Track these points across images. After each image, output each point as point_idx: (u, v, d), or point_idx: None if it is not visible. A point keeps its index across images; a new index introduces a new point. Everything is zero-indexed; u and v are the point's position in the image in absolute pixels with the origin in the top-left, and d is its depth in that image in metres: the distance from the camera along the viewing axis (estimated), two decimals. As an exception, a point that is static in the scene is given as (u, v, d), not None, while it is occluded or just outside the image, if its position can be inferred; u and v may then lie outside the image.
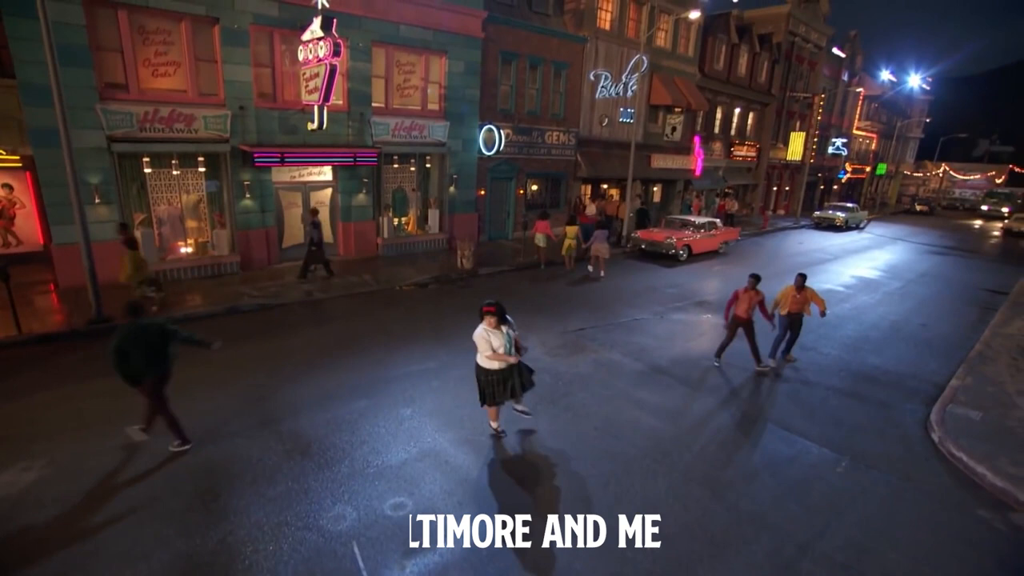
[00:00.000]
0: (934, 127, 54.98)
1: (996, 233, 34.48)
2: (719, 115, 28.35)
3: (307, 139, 13.55)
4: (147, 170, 11.59)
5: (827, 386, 8.72)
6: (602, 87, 21.23)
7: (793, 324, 9.26)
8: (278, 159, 12.69)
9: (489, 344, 5.83)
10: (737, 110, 29.50)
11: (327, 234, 15.15)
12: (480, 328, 5.88)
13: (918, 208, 44.89)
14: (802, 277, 9.07)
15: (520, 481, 5.74)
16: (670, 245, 17.98)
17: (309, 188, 14.57)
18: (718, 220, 20.85)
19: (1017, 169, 60.29)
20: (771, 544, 5.05)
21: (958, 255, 23.85)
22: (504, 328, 5.92)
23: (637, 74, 21.02)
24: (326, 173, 14.75)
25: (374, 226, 15.82)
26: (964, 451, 6.74)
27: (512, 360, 5.95)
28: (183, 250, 12.44)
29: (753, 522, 5.33)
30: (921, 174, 58.35)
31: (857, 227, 30.07)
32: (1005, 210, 41.90)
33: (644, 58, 20.57)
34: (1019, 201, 42.67)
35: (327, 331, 9.95)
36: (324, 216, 15.00)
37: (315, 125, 12.99)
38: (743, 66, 28.51)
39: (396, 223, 16.67)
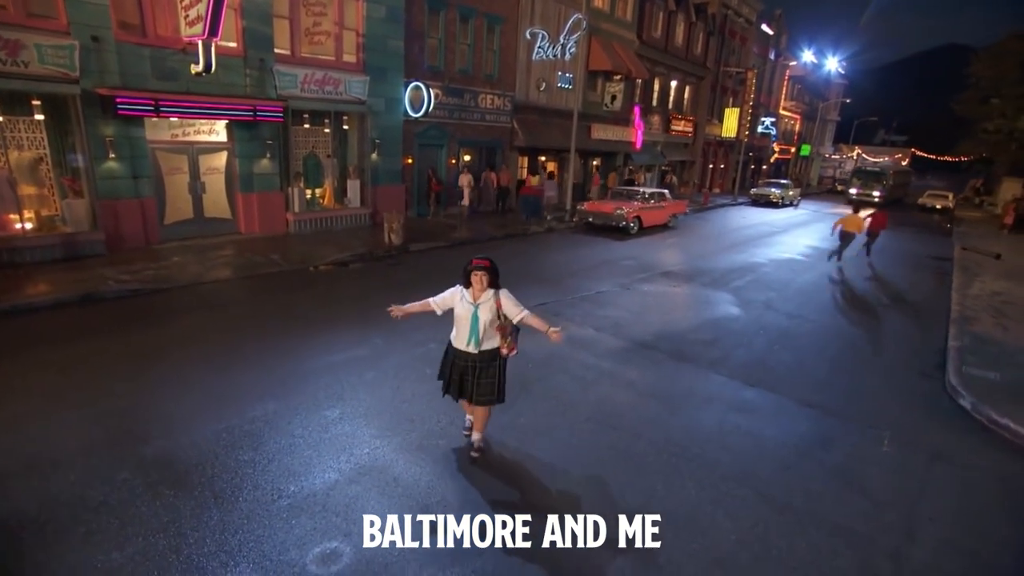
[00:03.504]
0: (849, 112, 58.35)
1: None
2: (657, 87, 27.89)
3: (191, 86, 11.15)
4: (-51, 114, 8.85)
5: (827, 355, 7.89)
6: (539, 47, 19.83)
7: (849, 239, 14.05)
8: (151, 107, 10.25)
9: (439, 305, 4.40)
10: (674, 83, 29.20)
11: (222, 206, 12.80)
12: (456, 287, 4.39)
13: (839, 188, 47.46)
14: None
15: (503, 502, 4.21)
16: (620, 217, 16.98)
17: (198, 150, 12.12)
18: (667, 191, 20.17)
19: (919, 152, 65.55)
20: (855, 556, 3.85)
21: (890, 229, 24.64)
22: (492, 301, 4.29)
23: (576, 35, 19.84)
24: (219, 132, 12.36)
25: (282, 198, 13.57)
26: (1009, 417, 5.95)
27: (470, 350, 4.35)
28: (19, 225, 9.71)
29: (819, 527, 4.11)
30: (838, 156, 62.04)
31: (792, 204, 30.77)
32: (876, 194, 33.66)
33: (583, 18, 19.40)
34: (890, 183, 35.24)
35: (218, 318, 7.92)
36: (219, 186, 12.65)
37: (200, 67, 10.64)
38: (680, 36, 28.22)
39: (309, 195, 14.46)
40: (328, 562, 3.48)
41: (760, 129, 37.78)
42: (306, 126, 14.13)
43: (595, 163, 25.49)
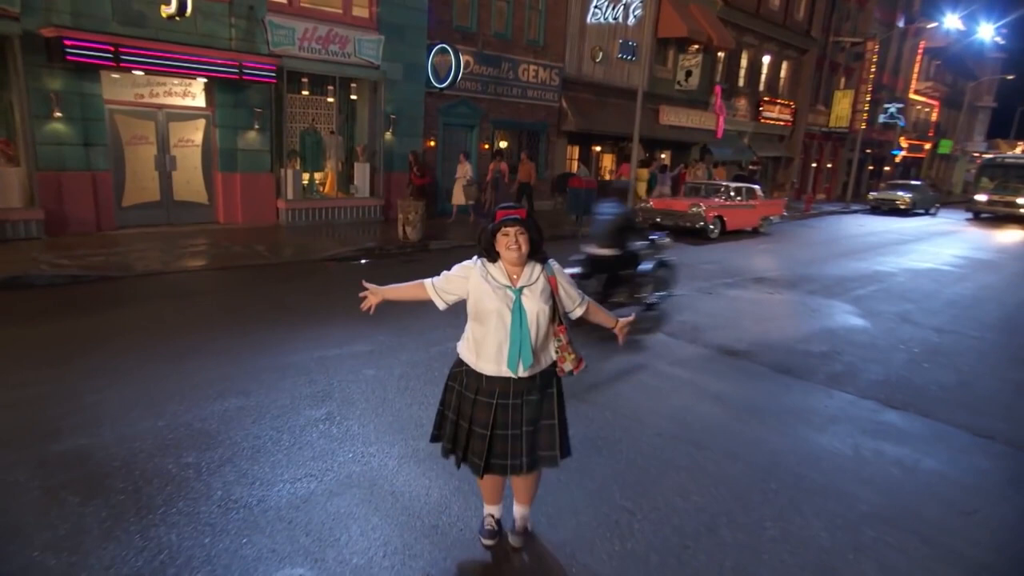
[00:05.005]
0: (1008, 96, 53.15)
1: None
2: (745, 61, 27.50)
3: (161, 34, 11.24)
4: None
5: (1006, 376, 7.15)
6: (595, 7, 19.88)
7: None
8: (109, 55, 10.31)
9: (443, 291, 3.15)
10: (767, 57, 28.74)
11: (197, 188, 12.82)
12: (472, 261, 3.13)
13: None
14: None
15: (541, 537, 3.67)
16: (697, 216, 16.40)
17: (168, 116, 12.24)
18: (757, 187, 19.51)
19: None
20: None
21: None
22: (543, 281, 3.02)
23: (643, -8, 19.76)
24: (197, 95, 12.51)
25: (272, 181, 13.59)
26: None
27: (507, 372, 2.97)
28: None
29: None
30: (993, 155, 59.11)
31: (927, 211, 29.39)
32: (1021, 201, 26.86)
33: (652, -30, 19.35)
34: None
35: (181, 309, 7.76)
36: (194, 162, 12.70)
37: (172, 9, 10.83)
38: (776, -4, 27.89)
39: (307, 180, 14.48)
40: (287, 595, 3.00)
41: (882, 118, 36.57)
42: (305, 93, 14.23)
43: (663, 155, 25.04)
